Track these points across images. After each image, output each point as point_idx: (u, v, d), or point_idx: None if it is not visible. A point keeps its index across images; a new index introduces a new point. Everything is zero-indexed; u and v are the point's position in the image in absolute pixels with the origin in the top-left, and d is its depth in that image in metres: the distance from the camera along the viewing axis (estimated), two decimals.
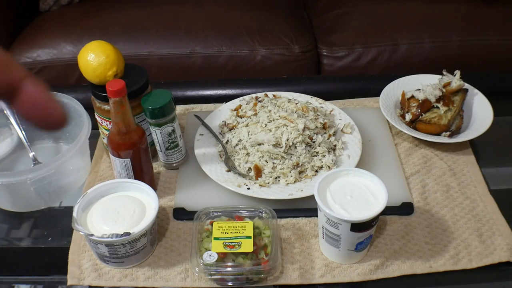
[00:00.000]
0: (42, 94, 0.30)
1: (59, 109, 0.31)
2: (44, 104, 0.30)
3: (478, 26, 1.53)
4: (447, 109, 0.95)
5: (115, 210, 0.75)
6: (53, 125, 0.31)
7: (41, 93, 0.30)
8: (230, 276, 0.73)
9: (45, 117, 0.31)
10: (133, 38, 1.52)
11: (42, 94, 0.30)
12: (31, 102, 0.30)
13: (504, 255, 0.76)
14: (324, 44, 1.54)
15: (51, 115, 0.31)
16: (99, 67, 0.82)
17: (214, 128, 0.97)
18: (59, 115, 0.31)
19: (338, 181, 0.74)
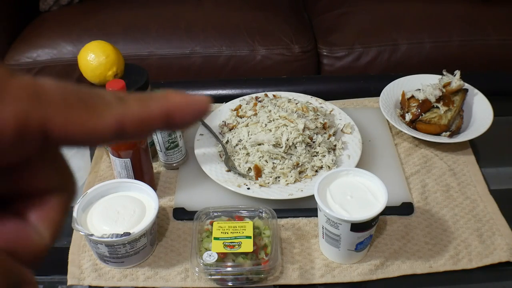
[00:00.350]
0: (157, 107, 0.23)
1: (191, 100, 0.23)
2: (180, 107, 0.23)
3: (478, 26, 1.53)
4: (447, 109, 0.95)
5: (115, 210, 0.75)
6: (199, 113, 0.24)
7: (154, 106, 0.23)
8: (230, 276, 0.73)
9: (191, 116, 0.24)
10: (133, 38, 1.52)
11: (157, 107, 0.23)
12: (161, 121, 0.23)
13: (504, 255, 0.76)
14: (324, 44, 1.54)
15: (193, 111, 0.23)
16: (99, 67, 0.82)
17: (214, 128, 0.97)
18: (198, 105, 0.23)
19: (338, 181, 0.74)
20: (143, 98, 0.22)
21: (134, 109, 0.22)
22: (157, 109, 0.22)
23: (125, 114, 0.21)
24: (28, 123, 0.19)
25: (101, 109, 0.21)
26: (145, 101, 0.22)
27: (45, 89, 0.20)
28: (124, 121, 0.21)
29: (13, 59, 1.51)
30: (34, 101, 0.20)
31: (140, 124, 0.22)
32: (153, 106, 0.22)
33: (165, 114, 0.22)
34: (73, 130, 0.20)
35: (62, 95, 0.20)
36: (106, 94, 0.22)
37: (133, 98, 0.22)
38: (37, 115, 0.20)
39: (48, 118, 0.20)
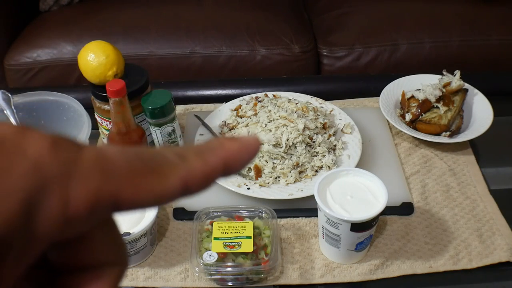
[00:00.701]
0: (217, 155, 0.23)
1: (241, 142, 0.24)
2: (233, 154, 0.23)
3: (478, 26, 1.53)
4: (447, 109, 0.95)
5: None
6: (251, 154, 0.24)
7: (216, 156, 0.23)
8: (230, 276, 0.73)
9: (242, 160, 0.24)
10: (133, 38, 1.52)
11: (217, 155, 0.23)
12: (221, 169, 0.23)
13: (504, 255, 0.76)
14: (324, 44, 1.54)
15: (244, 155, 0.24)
16: (99, 67, 0.82)
17: (214, 128, 0.97)
18: (248, 149, 0.24)
19: (338, 181, 0.74)
20: (201, 151, 0.23)
21: (196, 166, 0.22)
22: (216, 161, 0.23)
23: (188, 173, 0.22)
24: (100, 199, 0.19)
25: (166, 171, 0.21)
26: (203, 154, 0.23)
27: (112, 159, 0.20)
28: (189, 180, 0.22)
29: (13, 59, 1.51)
30: (104, 175, 0.20)
31: (203, 180, 0.22)
32: (212, 159, 0.23)
33: (223, 164, 0.23)
34: (142, 197, 0.21)
35: (128, 163, 0.21)
36: (167, 153, 0.22)
37: (192, 153, 0.23)
38: (108, 189, 0.20)
39: (118, 190, 0.20)
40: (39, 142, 0.19)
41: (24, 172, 0.18)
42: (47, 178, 0.18)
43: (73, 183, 0.19)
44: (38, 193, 0.18)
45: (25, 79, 1.51)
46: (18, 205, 0.17)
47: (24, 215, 0.17)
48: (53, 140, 0.19)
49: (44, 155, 0.18)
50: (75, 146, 0.20)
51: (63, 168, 0.19)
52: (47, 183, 0.18)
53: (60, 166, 0.19)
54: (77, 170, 0.19)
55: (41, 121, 0.96)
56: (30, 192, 0.18)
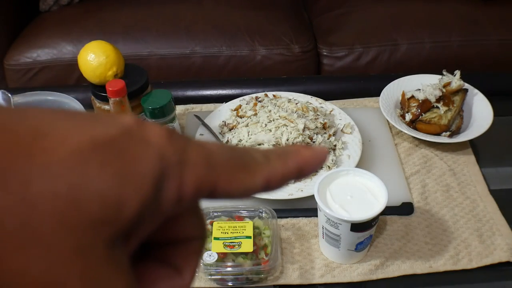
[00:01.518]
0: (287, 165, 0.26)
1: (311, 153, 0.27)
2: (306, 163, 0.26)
3: (478, 26, 1.53)
4: (447, 109, 0.95)
5: None
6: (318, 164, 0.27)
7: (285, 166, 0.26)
8: (230, 276, 0.73)
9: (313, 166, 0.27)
10: (133, 38, 1.52)
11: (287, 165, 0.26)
12: None
13: (504, 255, 0.76)
14: (324, 44, 1.54)
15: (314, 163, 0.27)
16: (99, 67, 0.82)
17: (214, 128, 0.97)
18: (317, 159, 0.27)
19: (338, 181, 0.74)
20: (282, 154, 0.26)
21: (278, 167, 0.25)
22: (293, 164, 0.26)
23: (271, 172, 0.25)
24: (203, 185, 0.22)
25: (254, 169, 0.24)
26: (284, 157, 0.26)
27: (214, 152, 0.23)
28: (270, 178, 0.25)
29: (13, 59, 1.52)
30: (208, 165, 0.22)
31: (281, 179, 0.25)
32: (290, 163, 0.26)
33: (298, 168, 0.26)
34: (233, 188, 0.23)
35: (226, 158, 0.23)
36: (255, 153, 0.25)
37: (275, 155, 0.26)
38: (209, 178, 0.22)
39: (217, 180, 0.23)
40: (159, 132, 0.21)
41: (152, 158, 0.20)
42: (168, 164, 0.21)
43: (186, 170, 0.21)
44: (162, 176, 0.21)
45: (25, 79, 1.51)
46: (151, 187, 0.20)
47: (154, 195, 0.20)
48: (168, 131, 0.22)
49: (164, 144, 0.21)
50: (185, 137, 0.23)
51: (178, 156, 0.21)
52: (168, 168, 0.21)
53: (176, 154, 0.21)
54: (188, 159, 0.22)
55: None
56: (158, 176, 0.20)
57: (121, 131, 0.20)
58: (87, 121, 0.20)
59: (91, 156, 0.19)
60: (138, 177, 0.20)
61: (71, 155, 0.18)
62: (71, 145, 0.19)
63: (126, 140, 0.20)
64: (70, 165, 0.18)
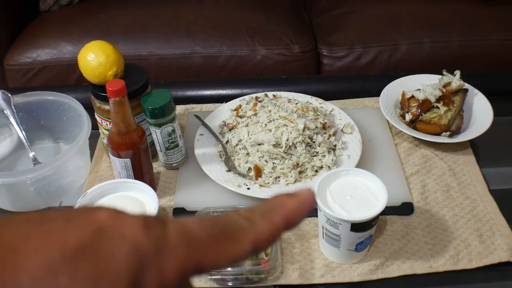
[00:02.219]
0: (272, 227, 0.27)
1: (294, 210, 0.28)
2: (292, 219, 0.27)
3: (478, 26, 1.53)
4: (447, 109, 0.95)
5: None
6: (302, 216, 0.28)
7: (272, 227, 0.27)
8: (230, 276, 0.73)
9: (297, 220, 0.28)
10: (133, 38, 1.52)
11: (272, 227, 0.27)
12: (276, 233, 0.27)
13: (504, 255, 0.76)
14: (324, 44, 1.54)
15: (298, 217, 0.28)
16: (99, 67, 0.82)
17: (214, 128, 0.97)
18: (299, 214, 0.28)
19: (338, 181, 0.74)
20: (266, 211, 0.27)
21: (263, 227, 0.26)
22: (279, 219, 0.26)
23: (257, 235, 0.25)
24: (187, 267, 0.23)
25: (238, 236, 0.25)
26: (268, 215, 0.26)
27: (193, 231, 0.24)
28: (258, 240, 0.25)
29: (13, 59, 1.52)
30: (189, 246, 0.23)
31: (269, 238, 0.26)
32: (276, 218, 0.26)
33: (286, 221, 0.26)
34: (220, 261, 0.24)
35: (207, 233, 0.24)
36: (237, 218, 0.26)
37: (258, 215, 0.26)
38: (193, 259, 0.23)
39: (202, 258, 0.23)
40: (134, 224, 0.22)
41: (127, 254, 0.21)
42: (145, 256, 0.21)
43: (165, 257, 0.22)
44: (140, 270, 0.21)
45: (25, 79, 1.51)
46: (127, 284, 0.20)
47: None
48: (144, 220, 0.22)
49: (139, 236, 0.22)
50: (161, 222, 0.23)
51: (156, 246, 0.22)
52: (146, 261, 0.21)
53: (153, 244, 0.22)
54: (167, 245, 0.22)
55: (41, 121, 0.96)
56: (135, 271, 0.21)
57: (93, 230, 0.21)
58: (58, 226, 0.21)
59: (61, 267, 0.19)
60: (112, 277, 0.20)
61: (41, 269, 0.19)
62: (41, 259, 0.19)
63: (98, 241, 0.21)
64: (41, 279, 0.19)
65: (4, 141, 0.96)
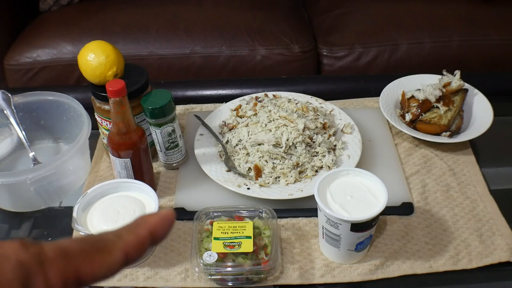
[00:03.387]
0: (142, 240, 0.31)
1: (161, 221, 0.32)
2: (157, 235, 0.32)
3: (478, 26, 1.53)
4: (447, 109, 0.95)
5: (115, 210, 0.75)
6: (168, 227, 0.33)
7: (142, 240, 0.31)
8: (230, 276, 0.73)
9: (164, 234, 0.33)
10: (133, 38, 1.52)
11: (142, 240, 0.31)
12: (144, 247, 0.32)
13: (504, 255, 0.76)
14: (324, 44, 1.54)
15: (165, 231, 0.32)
16: (99, 67, 0.82)
17: (214, 128, 0.97)
18: (166, 226, 0.32)
19: (338, 181, 0.74)
20: (132, 227, 0.31)
21: (130, 239, 0.30)
22: (144, 231, 0.31)
23: (126, 245, 0.30)
24: (67, 276, 0.27)
25: (109, 248, 0.29)
26: (134, 229, 0.31)
27: (67, 245, 0.28)
28: (127, 250, 0.30)
29: (13, 59, 1.51)
30: (65, 257, 0.27)
31: (138, 248, 0.30)
32: (140, 231, 0.31)
33: (150, 233, 0.31)
34: (96, 269, 0.28)
35: (80, 247, 0.28)
36: (107, 235, 0.30)
37: (125, 231, 0.31)
38: (70, 267, 0.27)
39: (79, 268, 0.27)
40: (13, 246, 0.26)
41: (14, 268, 0.25)
42: (30, 268, 0.26)
43: (47, 268, 0.26)
44: (28, 278, 0.25)
45: (25, 79, 1.51)
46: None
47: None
48: (21, 242, 0.27)
49: (20, 253, 0.26)
50: (36, 242, 0.27)
51: (36, 259, 0.26)
52: (31, 271, 0.26)
53: (34, 258, 0.26)
54: (46, 259, 0.27)
55: (41, 121, 0.96)
56: (23, 281, 0.25)
57: None
58: None
59: None
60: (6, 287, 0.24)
61: None
62: None
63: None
64: None
65: (4, 141, 0.96)
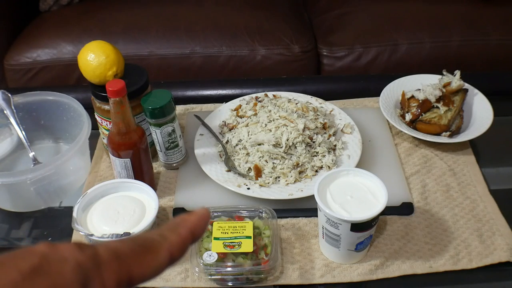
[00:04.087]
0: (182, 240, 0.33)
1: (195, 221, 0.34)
2: None
3: (478, 26, 1.53)
4: (447, 109, 0.95)
5: (115, 210, 0.75)
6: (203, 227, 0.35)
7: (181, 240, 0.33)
8: (230, 276, 0.73)
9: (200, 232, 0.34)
10: (133, 38, 1.52)
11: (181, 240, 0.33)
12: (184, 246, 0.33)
13: (504, 255, 0.76)
14: (324, 44, 1.54)
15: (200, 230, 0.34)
16: (99, 67, 0.82)
17: (214, 128, 0.97)
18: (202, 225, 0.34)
19: (338, 181, 0.74)
20: (173, 227, 0.33)
21: (174, 240, 0.32)
22: (185, 231, 0.32)
23: (170, 245, 0.31)
24: (121, 278, 0.28)
25: (156, 248, 0.31)
26: (175, 229, 0.32)
27: (118, 247, 0.29)
28: (172, 250, 0.31)
29: (13, 59, 1.51)
30: (118, 259, 0.28)
31: (181, 248, 0.32)
32: (182, 231, 0.32)
33: (191, 232, 0.33)
34: (146, 270, 0.29)
35: (129, 248, 0.30)
36: (151, 235, 0.32)
37: (167, 231, 0.32)
38: (123, 269, 0.28)
39: (130, 269, 0.29)
40: (70, 248, 0.27)
41: (73, 270, 0.26)
42: (88, 269, 0.27)
43: (102, 268, 0.27)
44: (86, 280, 0.26)
45: (25, 79, 1.51)
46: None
47: None
48: (77, 245, 0.28)
49: (77, 255, 0.27)
50: (90, 245, 0.29)
51: (93, 261, 0.27)
52: (89, 273, 0.27)
53: (90, 260, 0.27)
54: (101, 260, 0.28)
55: (41, 121, 0.96)
56: (82, 282, 0.26)
57: (39, 258, 0.26)
58: (7, 260, 0.26)
59: (23, 284, 0.25)
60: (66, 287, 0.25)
61: (7, 287, 0.24)
62: (5, 281, 0.24)
63: (46, 264, 0.26)
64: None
65: (4, 141, 0.96)
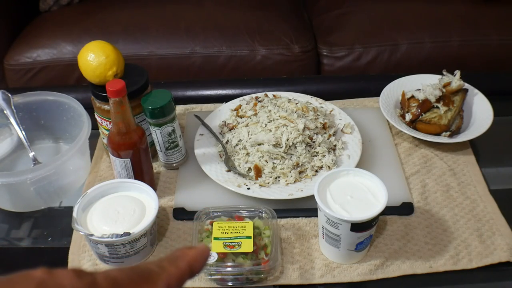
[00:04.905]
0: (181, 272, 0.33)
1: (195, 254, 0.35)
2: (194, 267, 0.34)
3: (478, 26, 1.53)
4: (447, 109, 0.95)
5: (115, 210, 0.75)
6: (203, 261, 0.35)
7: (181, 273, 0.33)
8: (230, 276, 0.73)
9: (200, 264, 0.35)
10: (133, 38, 1.52)
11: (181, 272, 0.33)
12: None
13: (504, 255, 0.76)
14: (324, 44, 1.54)
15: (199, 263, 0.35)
16: (99, 67, 0.82)
17: (214, 128, 0.97)
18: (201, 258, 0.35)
19: (338, 181, 0.74)
20: (172, 259, 0.33)
21: (172, 271, 0.32)
22: (184, 264, 0.33)
23: (168, 277, 0.31)
24: None
25: (154, 278, 0.31)
26: (174, 261, 0.33)
27: (117, 276, 0.29)
28: (170, 282, 0.31)
29: (13, 59, 1.51)
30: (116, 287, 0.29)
31: (179, 280, 0.32)
32: (181, 264, 0.33)
33: (189, 266, 0.33)
34: None
35: (127, 277, 0.30)
36: (150, 265, 0.32)
37: (167, 262, 0.33)
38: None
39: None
40: (68, 275, 0.27)
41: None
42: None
43: None
44: None
45: (25, 79, 1.51)
46: None
47: None
48: (75, 271, 0.28)
49: (75, 283, 0.27)
50: (88, 272, 0.29)
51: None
52: None
53: (88, 287, 0.27)
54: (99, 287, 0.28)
55: (41, 121, 0.96)
56: None
57: (36, 284, 0.26)
58: (5, 285, 0.26)
59: None
60: None
61: None
62: None
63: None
64: None
65: (4, 141, 0.96)
